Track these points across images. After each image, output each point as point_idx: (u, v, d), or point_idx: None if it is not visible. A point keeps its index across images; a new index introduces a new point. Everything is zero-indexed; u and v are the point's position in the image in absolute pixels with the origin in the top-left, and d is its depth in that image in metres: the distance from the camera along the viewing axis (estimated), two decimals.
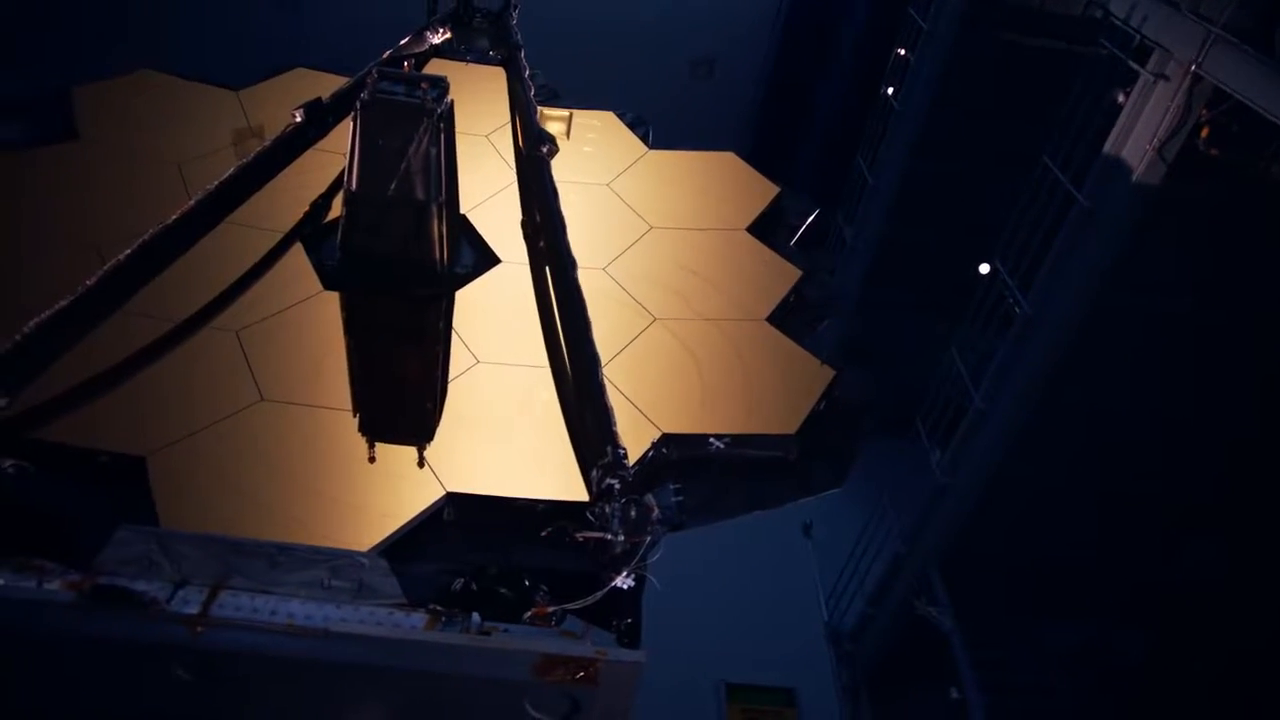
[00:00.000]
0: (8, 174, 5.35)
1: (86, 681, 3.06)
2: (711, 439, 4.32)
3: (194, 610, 3.03)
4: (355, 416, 4.26)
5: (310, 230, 5.44)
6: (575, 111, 7.25)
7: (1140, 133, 7.25)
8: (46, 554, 3.24)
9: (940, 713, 10.30)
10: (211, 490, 3.73)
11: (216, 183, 4.79)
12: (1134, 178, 7.30)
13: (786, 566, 12.90)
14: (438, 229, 4.86)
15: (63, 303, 3.86)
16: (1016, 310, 8.77)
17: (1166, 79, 7.02)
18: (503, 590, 3.61)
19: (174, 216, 4.47)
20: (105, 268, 4.10)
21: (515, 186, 6.09)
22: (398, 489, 3.85)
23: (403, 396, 4.68)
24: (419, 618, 3.15)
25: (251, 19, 16.10)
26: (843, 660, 11.97)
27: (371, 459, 4.02)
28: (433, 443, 4.11)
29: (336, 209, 5.54)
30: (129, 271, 4.18)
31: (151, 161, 5.76)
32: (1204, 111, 7.05)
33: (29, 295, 3.95)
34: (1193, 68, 6.70)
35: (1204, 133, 7.20)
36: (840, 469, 4.42)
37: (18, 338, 3.64)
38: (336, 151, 5.89)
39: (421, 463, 4.00)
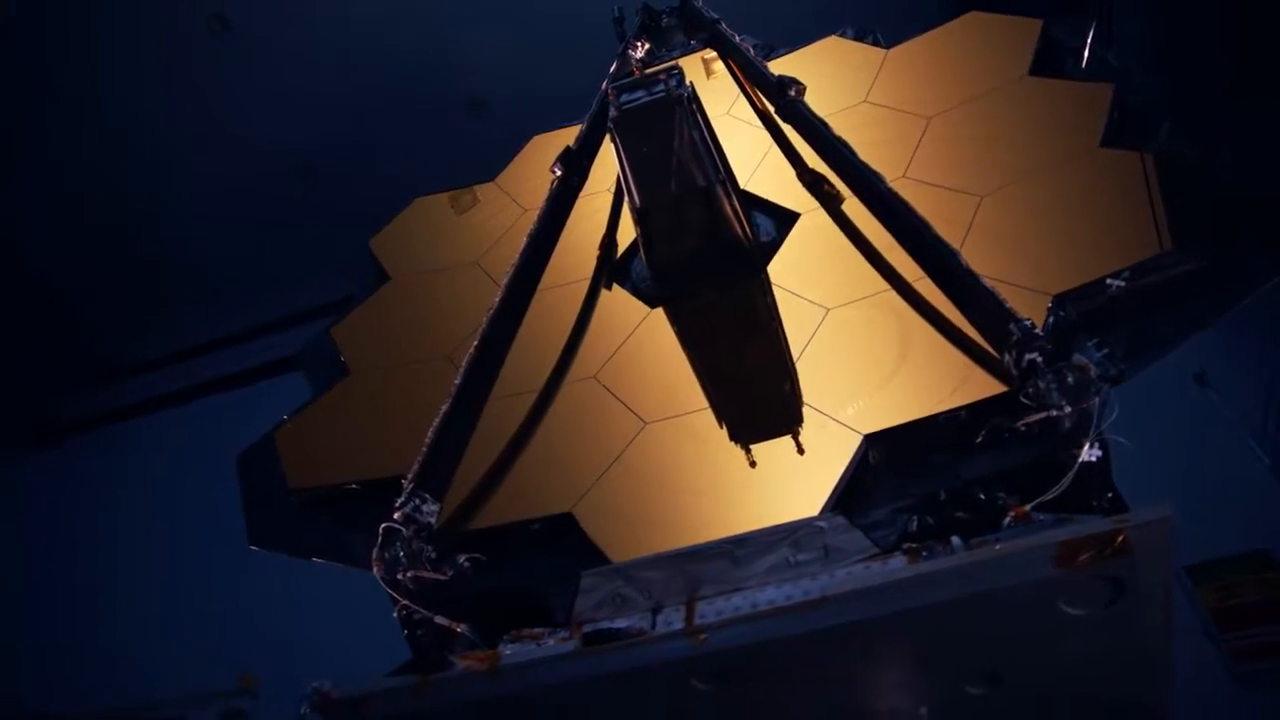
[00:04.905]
0: (354, 333, 5.90)
1: (617, 711, 3.13)
2: (1108, 280, 3.83)
3: (679, 628, 3.02)
4: (724, 421, 4.19)
5: (613, 265, 5.54)
6: (798, 51, 7.00)
7: None
8: (530, 623, 3.39)
9: None
10: (640, 517, 3.78)
11: (518, 259, 5.00)
12: None
13: (1193, 423, 11.50)
14: (729, 207, 4.74)
15: (445, 407, 4.13)
16: None
17: None
18: (959, 514, 3.36)
19: (495, 303, 4.70)
20: (463, 367, 4.37)
21: (776, 147, 5.90)
22: (814, 452, 3.71)
23: (769, 374, 4.54)
24: (899, 560, 2.97)
25: (453, 134, 17.16)
26: None
27: (752, 463, 3.90)
28: (827, 396, 3.95)
29: (627, 236, 5.63)
30: (482, 363, 4.42)
31: (453, 267, 6.16)
32: None
33: (412, 417, 4.28)
34: None
35: None
36: (1274, 254, 3.75)
37: (425, 449, 3.93)
38: (600, 192, 6.02)
39: (797, 451, 3.83)
